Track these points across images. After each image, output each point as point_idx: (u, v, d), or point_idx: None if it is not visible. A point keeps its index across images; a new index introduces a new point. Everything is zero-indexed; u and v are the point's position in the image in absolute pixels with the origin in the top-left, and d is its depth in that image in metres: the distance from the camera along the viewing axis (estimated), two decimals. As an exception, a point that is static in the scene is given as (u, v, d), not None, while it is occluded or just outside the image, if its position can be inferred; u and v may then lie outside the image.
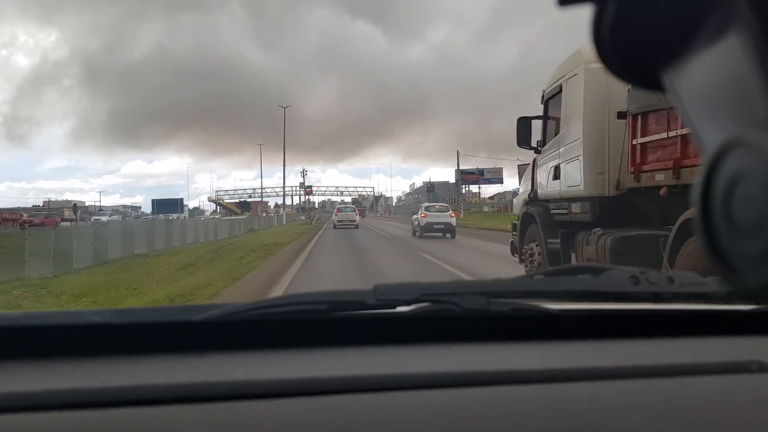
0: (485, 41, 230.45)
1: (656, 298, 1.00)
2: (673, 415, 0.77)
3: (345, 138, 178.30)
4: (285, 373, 0.85)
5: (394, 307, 0.97)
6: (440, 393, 0.80)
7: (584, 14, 0.42)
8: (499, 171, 76.88)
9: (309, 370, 0.86)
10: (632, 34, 0.42)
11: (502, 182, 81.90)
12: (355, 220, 33.39)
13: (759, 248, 0.37)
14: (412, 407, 0.76)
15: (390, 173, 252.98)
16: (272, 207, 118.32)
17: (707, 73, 0.40)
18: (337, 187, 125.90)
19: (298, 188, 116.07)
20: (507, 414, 0.76)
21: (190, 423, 0.72)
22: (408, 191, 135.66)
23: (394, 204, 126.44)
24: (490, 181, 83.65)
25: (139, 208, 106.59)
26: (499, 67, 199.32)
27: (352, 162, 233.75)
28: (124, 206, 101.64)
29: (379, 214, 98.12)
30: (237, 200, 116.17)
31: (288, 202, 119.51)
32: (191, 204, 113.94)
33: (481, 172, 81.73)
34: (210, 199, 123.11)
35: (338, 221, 33.73)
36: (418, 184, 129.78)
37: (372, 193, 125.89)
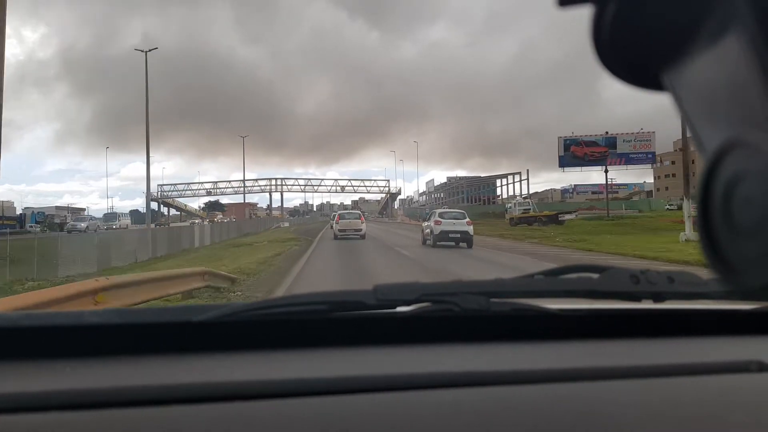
0: (483, 41, 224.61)
1: (656, 297, 0.99)
2: (672, 415, 0.78)
3: (340, 139, 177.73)
4: (285, 373, 0.85)
5: (395, 308, 0.97)
6: (441, 393, 0.80)
7: (584, 14, 0.42)
8: (647, 139, 39.43)
9: (309, 370, 0.87)
10: (632, 35, 0.42)
11: (653, 160, 46.80)
12: (360, 229, 26.01)
13: (758, 248, 0.37)
14: (412, 407, 0.77)
15: (402, 166, 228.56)
16: (264, 209, 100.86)
17: (707, 73, 0.40)
18: (335, 180, 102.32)
19: (277, 183, 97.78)
20: (508, 414, 0.77)
21: (190, 423, 0.72)
22: (422, 191, 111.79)
23: (397, 207, 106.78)
24: (629, 159, 44.93)
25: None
26: (497, 67, 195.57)
27: (348, 164, 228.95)
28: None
29: (399, 220, 70.22)
30: (208, 200, 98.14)
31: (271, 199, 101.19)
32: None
33: (610, 141, 44.75)
34: (152, 198, 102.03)
35: (340, 230, 25.97)
36: (439, 180, 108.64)
37: (386, 188, 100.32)
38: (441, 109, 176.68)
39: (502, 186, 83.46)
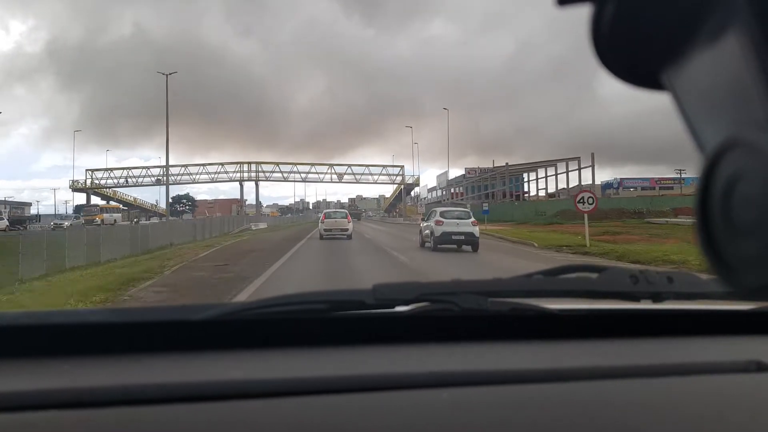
0: (479, 39, 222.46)
1: (655, 297, 0.99)
2: (672, 415, 0.78)
3: (334, 136, 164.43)
4: (284, 372, 0.86)
5: (393, 307, 0.97)
6: (439, 392, 0.80)
7: (582, 13, 0.41)
8: None
9: (308, 369, 0.87)
10: (631, 34, 0.41)
11: None
12: (346, 229, 24.64)
13: (757, 248, 0.37)
14: (411, 406, 0.77)
15: (418, 155, 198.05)
16: (258, 204, 77.82)
17: (707, 73, 0.40)
18: (331, 166, 76.37)
19: (250, 170, 73.65)
20: (506, 413, 0.77)
21: (189, 422, 0.72)
22: (432, 186, 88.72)
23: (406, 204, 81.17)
24: None
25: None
26: (492, 65, 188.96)
27: (341, 162, 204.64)
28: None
29: (419, 221, 48.60)
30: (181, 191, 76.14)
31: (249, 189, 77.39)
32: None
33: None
34: (75, 188, 73.19)
35: (326, 230, 24.74)
36: (454, 174, 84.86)
37: (400, 175, 75.39)
38: (436, 107, 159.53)
39: (548, 177, 59.00)
